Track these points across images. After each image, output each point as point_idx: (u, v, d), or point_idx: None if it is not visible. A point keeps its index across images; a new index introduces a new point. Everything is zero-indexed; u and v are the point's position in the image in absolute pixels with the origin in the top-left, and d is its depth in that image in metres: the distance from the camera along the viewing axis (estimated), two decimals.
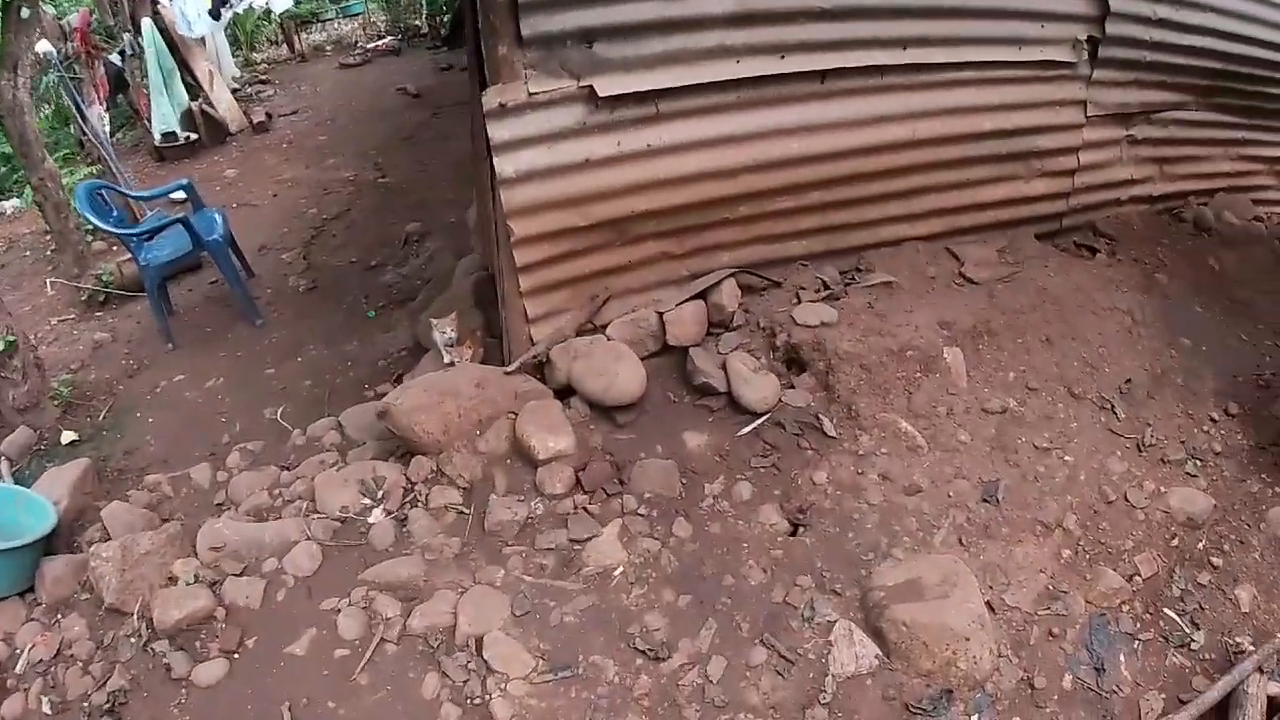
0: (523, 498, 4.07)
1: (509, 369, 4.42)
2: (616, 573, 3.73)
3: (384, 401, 4.37)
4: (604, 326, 4.53)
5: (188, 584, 3.79)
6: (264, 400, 5.66)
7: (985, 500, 3.54)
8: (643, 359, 4.43)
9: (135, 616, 3.55)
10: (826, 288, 4.74)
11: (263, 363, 6.14)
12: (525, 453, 4.13)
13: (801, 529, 3.88)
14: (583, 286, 4.40)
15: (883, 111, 3.99)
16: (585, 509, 4.00)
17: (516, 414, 4.35)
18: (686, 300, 4.49)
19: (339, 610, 3.69)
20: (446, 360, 4.88)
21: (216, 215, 6.42)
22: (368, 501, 4.25)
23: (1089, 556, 3.48)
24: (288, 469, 4.86)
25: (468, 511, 4.08)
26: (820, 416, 4.19)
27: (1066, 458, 3.80)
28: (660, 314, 4.48)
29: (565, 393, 4.51)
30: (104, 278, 6.58)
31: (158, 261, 5.91)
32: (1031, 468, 3.75)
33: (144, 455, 4.90)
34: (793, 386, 4.37)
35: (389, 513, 4.18)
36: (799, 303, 4.63)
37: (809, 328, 4.47)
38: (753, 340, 4.59)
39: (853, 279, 4.74)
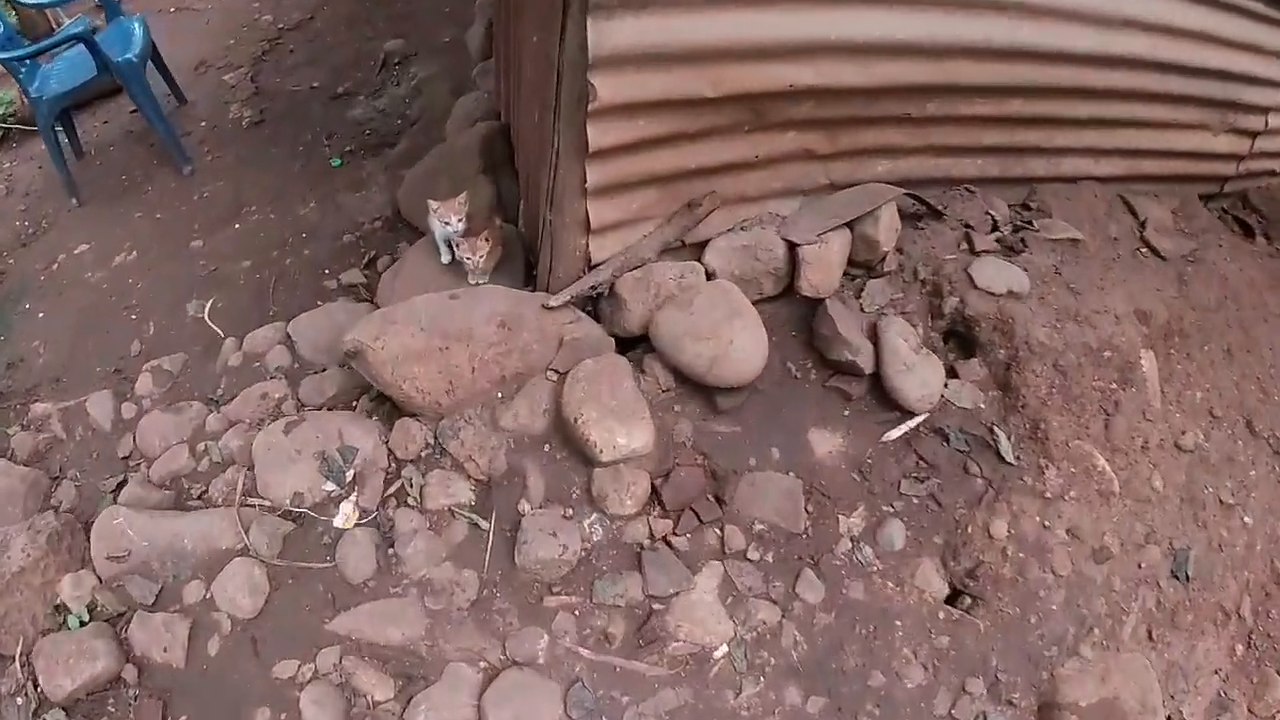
0: (571, 513, 2.75)
1: (552, 302, 2.91)
2: (718, 655, 2.52)
3: (353, 338, 2.86)
4: (699, 247, 3.01)
5: (81, 622, 2.57)
6: (188, 287, 4.06)
7: (1174, 576, 2.97)
8: (754, 303, 2.98)
9: (18, 666, 2.48)
10: (996, 227, 3.34)
11: (189, 229, 4.43)
12: (576, 441, 2.76)
13: (970, 601, 2.73)
14: (678, 188, 2.84)
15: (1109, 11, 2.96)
16: (668, 541, 2.73)
17: (561, 375, 2.91)
18: (833, 229, 2.95)
19: (300, 684, 2.44)
20: (446, 259, 3.32)
21: (135, 25, 4.81)
22: (331, 487, 2.87)
23: (1259, 654, 3.06)
24: (216, 404, 3.39)
25: (486, 525, 2.76)
26: (995, 430, 2.94)
27: (1246, 518, 3.16)
28: (793, 244, 2.95)
29: (630, 343, 3.05)
30: None
31: (53, 93, 4.52)
32: (1217, 530, 3.09)
33: (30, 370, 3.80)
34: (955, 375, 3.03)
35: (364, 512, 2.83)
36: (972, 250, 3.18)
37: (992, 296, 3.07)
38: (907, 296, 3.17)
39: (1027, 222, 3.44)
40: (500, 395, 2.92)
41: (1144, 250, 3.56)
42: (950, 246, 3.25)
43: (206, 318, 3.88)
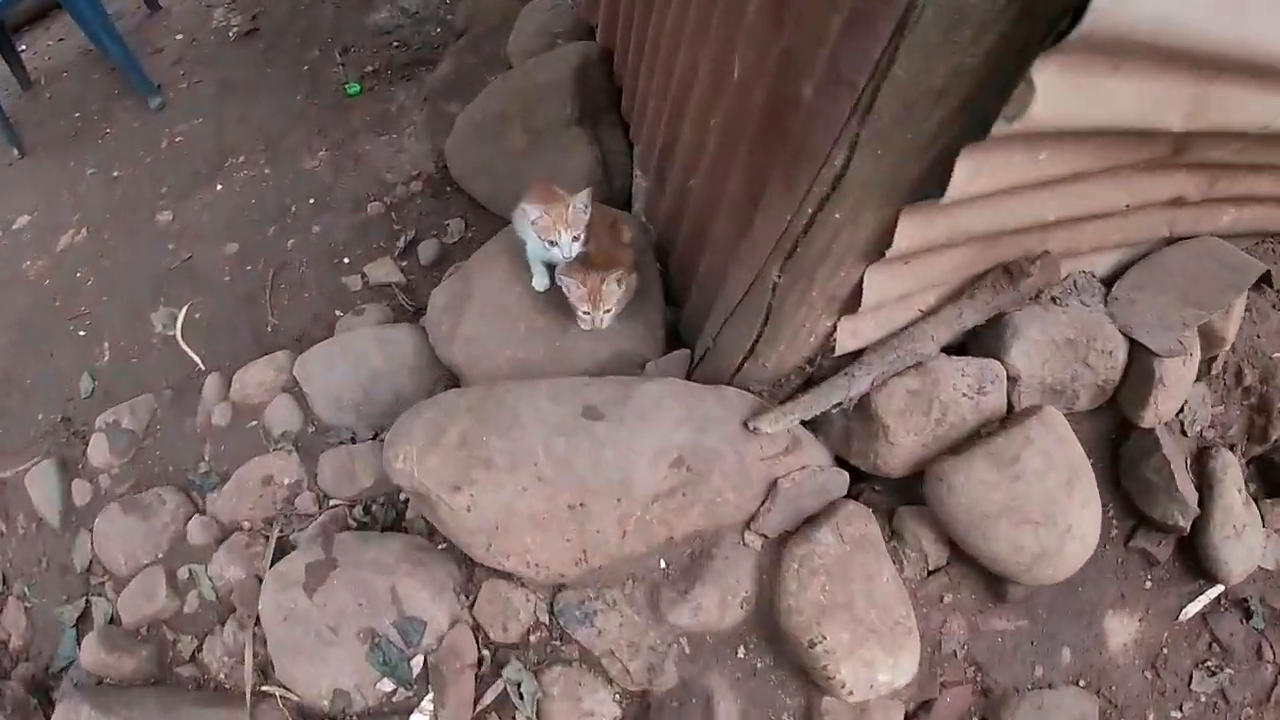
0: None
1: (768, 427, 1.73)
2: None
3: (411, 468, 1.71)
4: (987, 334, 1.78)
5: None
6: (153, 285, 2.90)
7: None
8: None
9: None
10: None
11: (154, 194, 3.19)
12: (799, 658, 1.67)
13: None
14: (993, 247, 1.55)
15: None
16: None
17: (769, 541, 1.78)
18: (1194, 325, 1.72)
19: None
20: (541, 286, 2.11)
21: None
22: (390, 686, 1.81)
23: None
24: (200, 492, 2.30)
25: None
26: None
27: None
28: (1154, 351, 1.72)
29: (859, 475, 1.90)
30: None
31: None
32: None
33: None
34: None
35: None
36: None
37: None
38: (1228, 411, 1.99)
39: None
40: (666, 566, 1.78)
41: None
42: None
43: (179, 336, 2.70)
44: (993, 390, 1.73)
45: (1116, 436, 1.95)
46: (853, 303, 1.52)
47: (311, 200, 3.08)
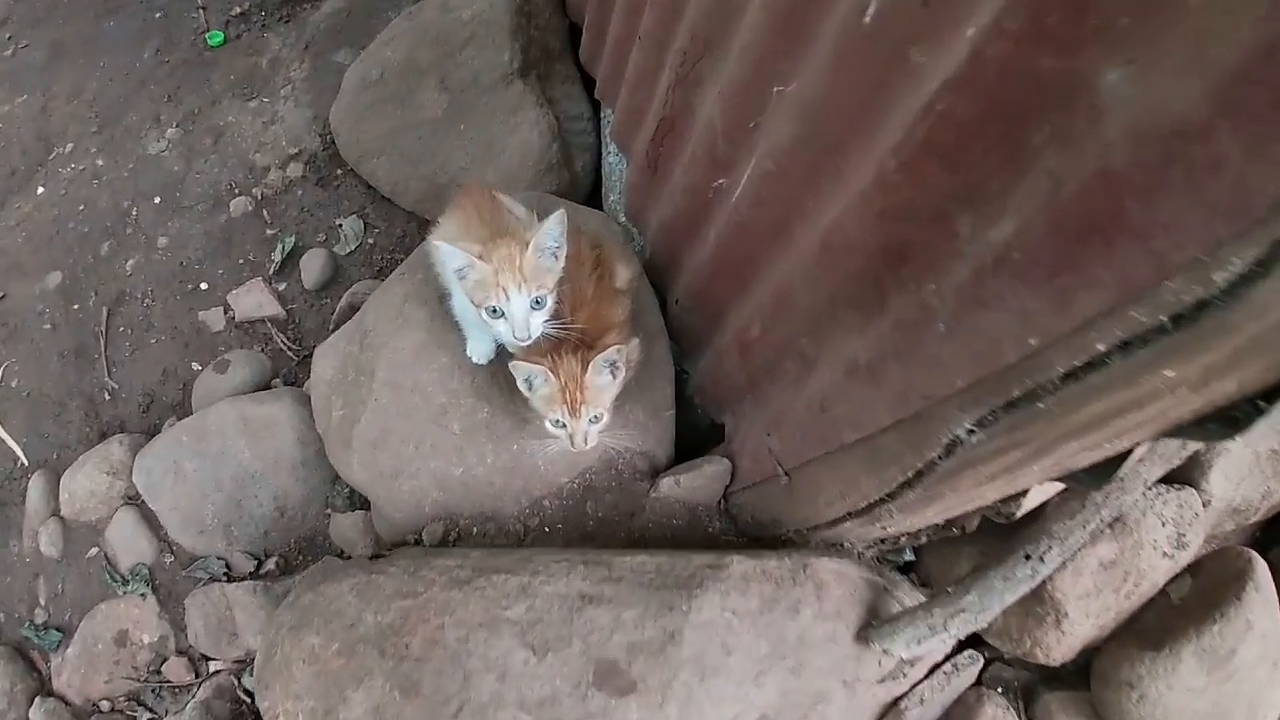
0: None
1: (900, 644, 1.05)
2: None
3: (279, 714, 0.94)
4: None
5: None
6: None
7: None
8: None
9: None
10: None
11: None
12: None
13: None
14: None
15: None
16: None
17: None
18: None
19: None
20: (482, 358, 1.31)
21: None
22: None
23: None
24: (39, 651, 1.65)
25: None
26: None
27: None
28: None
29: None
30: None
31: None
32: None
33: None
34: None
35: None
36: None
37: None
38: None
39: None
40: None
41: None
42: None
43: None
44: (1191, 536, 1.06)
45: None
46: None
47: (157, 199, 2.23)
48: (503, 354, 1.29)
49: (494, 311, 1.11)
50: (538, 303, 1.10)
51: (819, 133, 0.94)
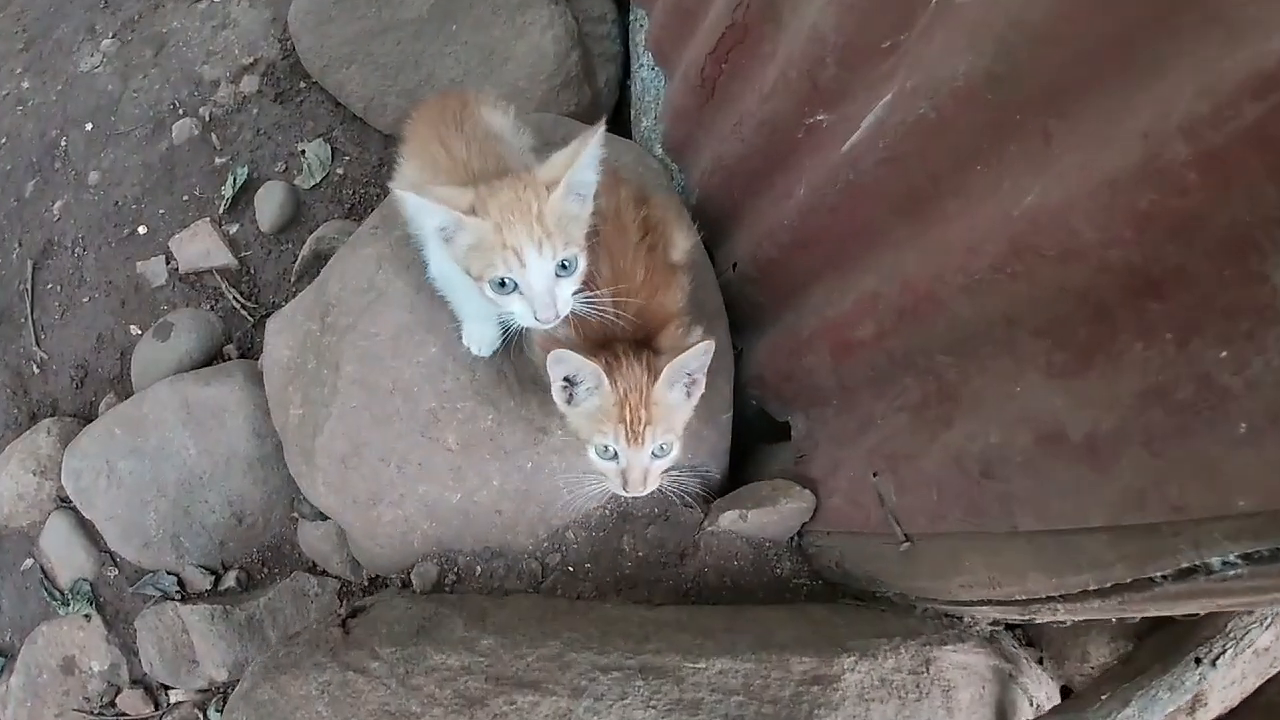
0: None
1: None
2: None
3: None
4: None
5: None
6: None
7: None
8: None
9: None
10: None
11: None
12: None
13: None
14: None
15: None
16: None
17: None
18: None
19: None
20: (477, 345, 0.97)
21: None
22: None
23: None
24: None
25: None
26: None
27: None
28: None
29: None
30: None
31: None
32: None
33: None
34: None
35: None
36: None
37: None
38: None
39: None
40: None
41: None
42: None
43: None
44: None
45: None
46: None
47: (89, 125, 1.85)
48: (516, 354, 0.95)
49: (502, 285, 0.77)
50: (564, 266, 0.76)
51: (1029, 69, 0.59)
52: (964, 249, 0.71)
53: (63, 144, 1.85)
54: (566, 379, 0.82)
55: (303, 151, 1.66)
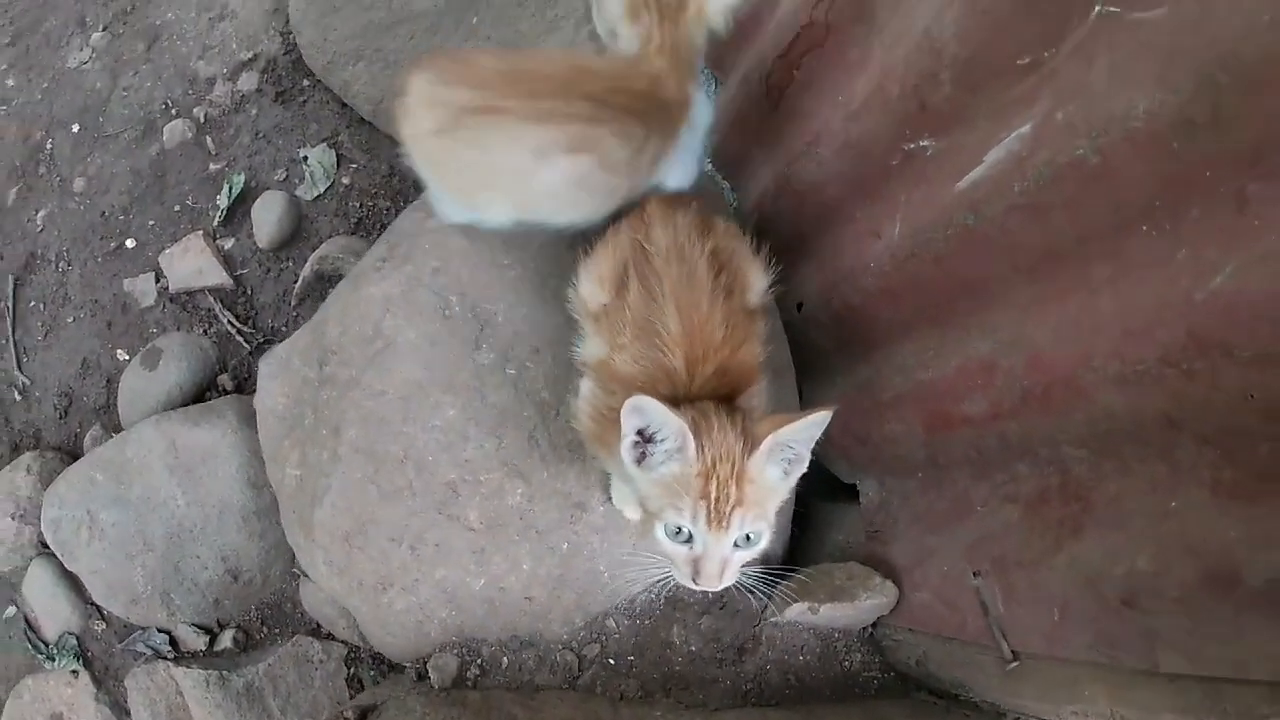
0: None
1: None
2: None
3: None
4: None
5: None
6: None
7: None
8: None
9: None
10: None
11: None
12: None
13: None
14: None
15: None
16: None
17: None
18: None
19: None
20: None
21: None
22: None
23: None
24: None
25: None
26: None
27: None
28: None
29: None
30: None
31: None
32: None
33: None
34: None
35: None
36: None
37: None
38: None
39: None
40: None
41: None
42: None
43: None
44: None
45: None
46: None
47: (76, 127, 1.71)
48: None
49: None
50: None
51: (1237, 118, 0.44)
52: (1121, 331, 0.56)
53: (48, 147, 1.71)
54: (640, 433, 0.66)
55: (305, 158, 1.51)
